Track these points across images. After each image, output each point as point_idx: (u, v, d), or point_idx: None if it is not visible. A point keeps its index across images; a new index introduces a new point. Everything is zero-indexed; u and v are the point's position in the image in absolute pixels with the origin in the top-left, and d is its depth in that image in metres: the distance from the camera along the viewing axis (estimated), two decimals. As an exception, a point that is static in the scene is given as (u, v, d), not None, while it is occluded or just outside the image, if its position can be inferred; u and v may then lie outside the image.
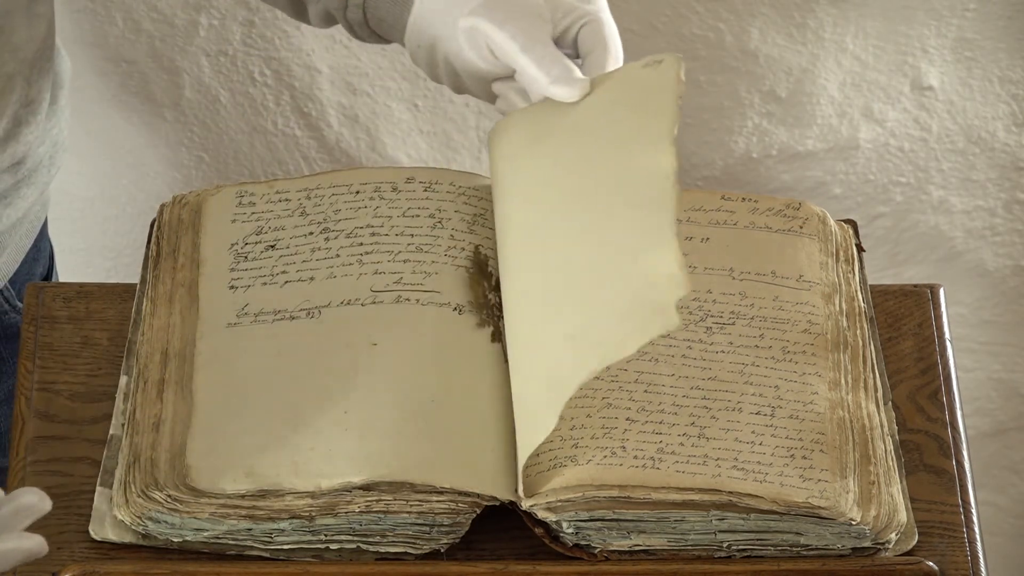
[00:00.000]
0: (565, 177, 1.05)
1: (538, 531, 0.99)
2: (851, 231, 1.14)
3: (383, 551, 0.99)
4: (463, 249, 1.10)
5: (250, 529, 0.98)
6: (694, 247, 1.10)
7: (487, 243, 1.10)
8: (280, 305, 1.07)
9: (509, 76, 1.07)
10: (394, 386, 1.02)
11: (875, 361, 1.07)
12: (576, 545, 0.99)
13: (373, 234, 1.10)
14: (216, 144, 1.61)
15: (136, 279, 1.12)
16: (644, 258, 0.96)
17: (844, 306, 1.09)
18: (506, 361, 1.05)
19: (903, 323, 1.12)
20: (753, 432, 1.00)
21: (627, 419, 1.01)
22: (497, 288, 1.08)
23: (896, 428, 1.05)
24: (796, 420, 1.02)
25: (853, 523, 0.98)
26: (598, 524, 0.98)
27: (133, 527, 0.99)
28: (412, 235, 1.10)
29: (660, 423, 1.01)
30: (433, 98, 1.59)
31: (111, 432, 1.04)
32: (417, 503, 0.98)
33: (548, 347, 0.99)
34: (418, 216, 1.11)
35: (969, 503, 1.03)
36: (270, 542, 0.99)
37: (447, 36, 1.07)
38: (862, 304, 1.10)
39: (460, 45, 1.07)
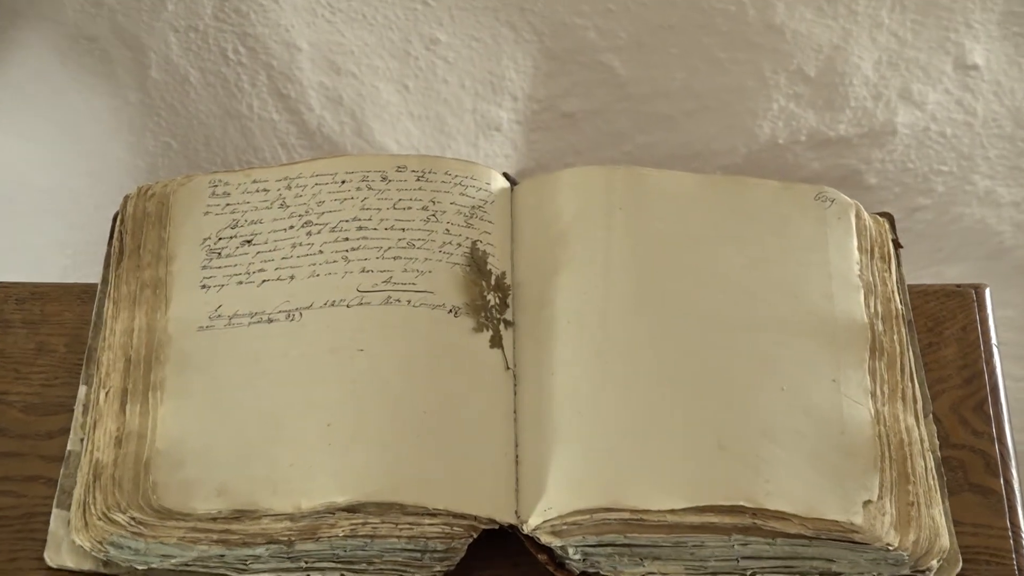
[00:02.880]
0: (693, 255, 1.10)
1: (541, 558, 0.99)
2: (887, 225, 1.15)
3: (370, 579, 0.99)
4: (459, 245, 1.10)
5: (223, 555, 0.98)
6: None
7: (486, 238, 1.11)
8: (257, 306, 1.07)
9: None
10: (383, 396, 1.02)
11: (914, 369, 1.07)
12: (584, 573, 0.99)
13: (360, 228, 1.11)
14: (185, 129, 1.61)
15: (97, 278, 1.12)
16: (847, 421, 1.02)
17: (879, 308, 1.09)
18: (507, 368, 1.05)
19: (945, 327, 1.12)
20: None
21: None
22: (497, 288, 1.08)
23: (937, 443, 1.05)
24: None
25: (890, 548, 0.98)
26: (608, 550, 0.99)
27: (93, 553, 0.99)
28: (403, 229, 1.10)
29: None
30: (425, 78, 1.59)
31: (69, 448, 1.04)
32: (407, 526, 0.98)
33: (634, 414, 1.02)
34: (410, 208, 1.12)
35: (1019, 526, 1.03)
36: (245, 570, 0.99)
37: None
38: (899, 306, 1.10)
39: None
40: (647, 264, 1.09)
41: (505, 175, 1.16)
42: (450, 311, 1.07)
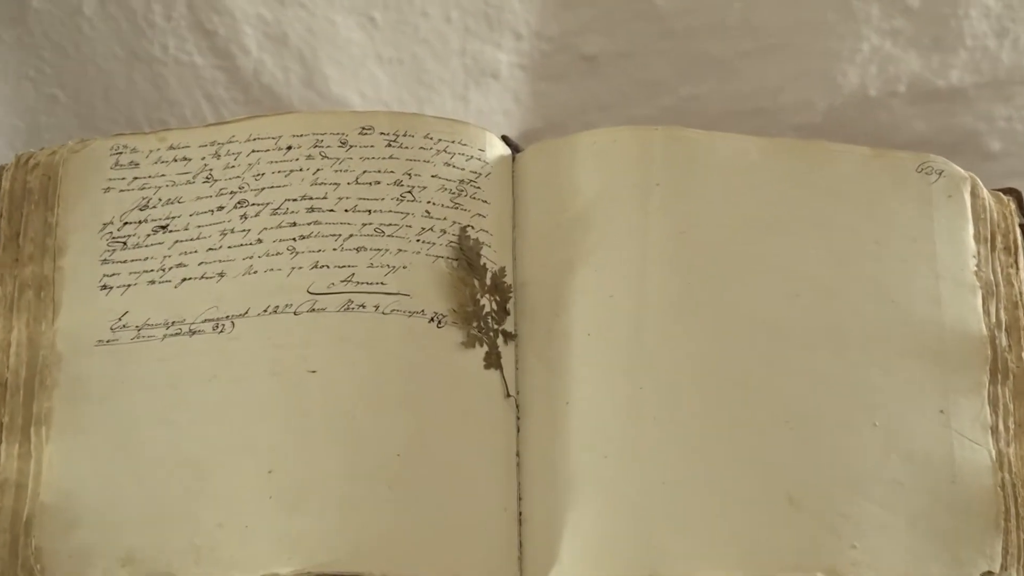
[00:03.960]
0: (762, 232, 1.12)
1: (553, 647, 1.00)
2: (1014, 206, 1.15)
3: (325, 676, 1.00)
4: (444, 232, 1.10)
5: (129, 644, 0.99)
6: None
7: (479, 223, 1.11)
8: (175, 314, 1.07)
9: None
10: (341, 434, 1.03)
11: (1049, 397, 1.08)
12: (609, 667, 1.00)
13: (311, 210, 1.11)
14: (78, 78, 1.62)
15: (-39, 276, 1.12)
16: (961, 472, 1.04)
17: (1003, 317, 1.10)
18: (507, 395, 1.06)
19: (1091, 341, 1.13)
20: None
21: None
22: (494, 289, 1.09)
23: (1081, 496, 1.06)
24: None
25: (1017, 636, 0.99)
26: (641, 637, 0.99)
27: (-43, 641, 1.00)
28: (369, 211, 1.11)
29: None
30: (397, 8, 1.60)
31: (-76, 502, 1.05)
32: (375, 606, 0.99)
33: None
34: (378, 184, 1.12)
35: None
36: (158, 663, 0.99)
37: None
38: (1030, 313, 1.11)
39: None
40: (695, 257, 1.09)
41: (504, 139, 1.16)
42: (432, 320, 1.07)
